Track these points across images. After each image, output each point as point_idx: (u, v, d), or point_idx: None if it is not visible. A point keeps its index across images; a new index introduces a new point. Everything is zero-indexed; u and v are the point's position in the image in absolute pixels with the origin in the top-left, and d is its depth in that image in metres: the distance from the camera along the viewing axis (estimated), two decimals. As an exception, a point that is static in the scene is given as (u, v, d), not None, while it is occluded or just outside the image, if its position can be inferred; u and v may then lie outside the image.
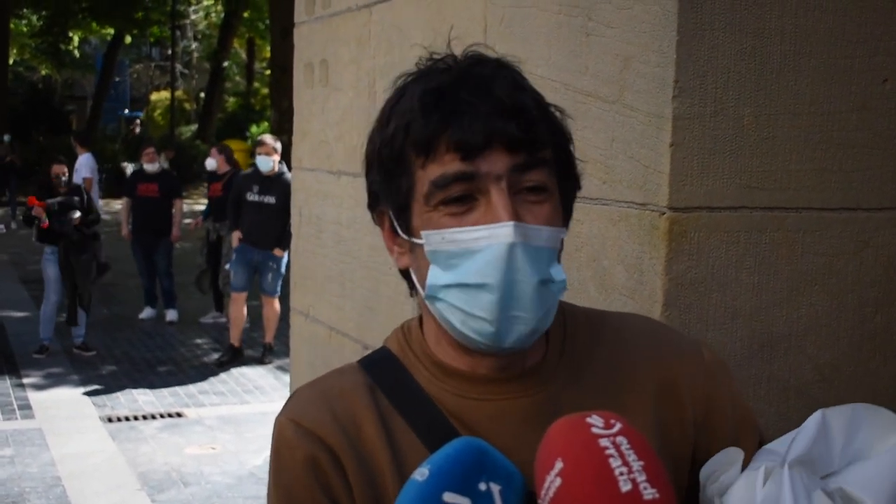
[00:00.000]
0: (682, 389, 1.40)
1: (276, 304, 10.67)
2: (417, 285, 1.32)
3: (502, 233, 1.20)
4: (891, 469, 1.21)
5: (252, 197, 10.43)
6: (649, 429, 1.34)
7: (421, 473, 1.10)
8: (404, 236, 1.30)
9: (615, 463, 1.05)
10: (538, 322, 1.24)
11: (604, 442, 1.07)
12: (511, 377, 1.32)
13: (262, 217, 10.33)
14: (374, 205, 1.36)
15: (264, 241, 10.36)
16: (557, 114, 1.34)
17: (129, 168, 15.49)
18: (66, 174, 10.82)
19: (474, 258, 1.21)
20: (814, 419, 1.30)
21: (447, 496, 1.08)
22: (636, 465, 1.05)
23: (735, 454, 1.32)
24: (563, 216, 1.32)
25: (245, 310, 10.66)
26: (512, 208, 1.21)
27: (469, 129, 1.21)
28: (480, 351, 1.28)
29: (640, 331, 1.46)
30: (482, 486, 1.09)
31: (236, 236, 10.52)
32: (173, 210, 12.35)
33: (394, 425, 1.31)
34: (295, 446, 1.30)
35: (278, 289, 10.55)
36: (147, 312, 12.86)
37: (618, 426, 1.10)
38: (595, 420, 1.11)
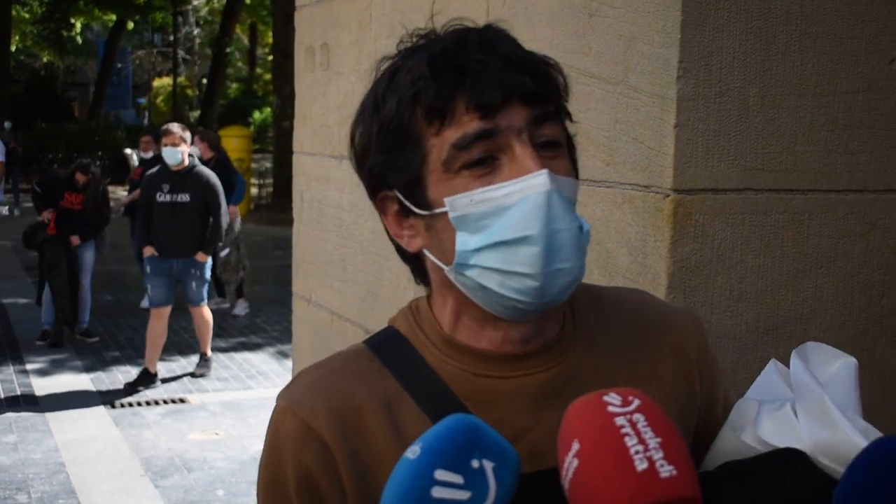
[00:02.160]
0: (690, 356, 1.42)
1: (206, 312, 9.41)
2: (437, 262, 1.28)
3: (537, 182, 1.17)
4: (844, 389, 1.31)
5: (162, 197, 8.91)
6: (666, 398, 1.34)
7: (413, 451, 1.08)
8: (420, 211, 1.26)
9: (631, 442, 1.03)
10: (579, 271, 1.22)
11: (620, 420, 1.06)
12: (531, 352, 1.30)
13: (177, 220, 8.89)
14: (376, 189, 1.32)
15: (183, 249, 8.96)
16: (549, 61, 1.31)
17: (135, 155, 15.26)
18: (87, 181, 10.54)
19: (508, 214, 1.18)
20: (795, 362, 1.35)
21: (439, 473, 1.06)
22: (653, 442, 1.03)
23: (749, 404, 1.34)
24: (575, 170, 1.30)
25: (166, 326, 9.15)
26: (539, 158, 1.19)
27: (487, 85, 1.18)
28: (518, 313, 1.24)
29: (639, 302, 1.46)
30: (475, 464, 1.08)
31: (148, 251, 9.01)
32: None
33: (402, 408, 1.28)
34: (288, 438, 1.28)
35: (205, 295, 9.32)
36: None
37: (635, 403, 1.08)
38: (612, 398, 1.09)
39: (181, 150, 8.87)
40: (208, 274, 9.23)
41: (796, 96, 1.92)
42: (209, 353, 9.63)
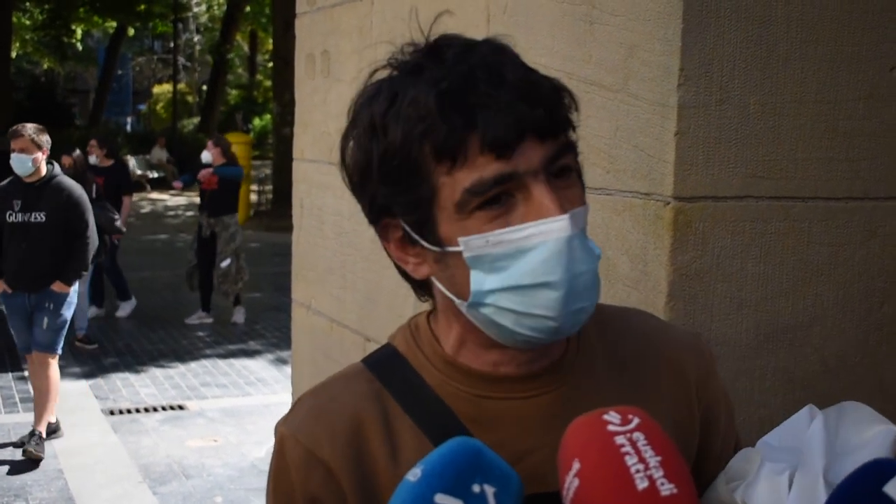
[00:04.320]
0: (690, 382, 1.40)
1: (53, 368, 7.32)
2: (448, 294, 1.24)
3: (557, 227, 1.13)
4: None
5: (14, 217, 7.07)
6: (665, 423, 1.32)
7: (413, 474, 1.07)
8: (431, 246, 1.21)
9: (631, 460, 1.02)
10: (594, 306, 1.20)
11: (620, 439, 1.05)
12: (534, 373, 1.28)
13: (31, 244, 7.06)
14: (379, 217, 1.27)
15: (36, 280, 7.09)
16: (557, 85, 1.25)
17: (132, 161, 14.98)
18: (72, 165, 10.29)
19: (527, 257, 1.14)
20: (817, 422, 1.30)
21: (439, 497, 1.04)
22: (653, 460, 1.02)
23: (753, 454, 1.31)
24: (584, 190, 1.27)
25: (57, 373, 7.47)
26: (559, 201, 1.15)
27: (500, 124, 1.13)
28: (529, 345, 1.22)
29: (643, 324, 1.44)
30: (476, 488, 1.06)
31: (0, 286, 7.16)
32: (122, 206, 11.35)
33: (402, 430, 1.26)
34: (292, 466, 1.26)
35: (58, 342, 7.30)
36: (124, 309, 12.45)
37: (635, 421, 1.08)
38: (612, 417, 1.08)
39: (32, 158, 6.98)
40: (68, 314, 7.30)
41: (797, 104, 1.92)
42: (43, 428, 7.35)
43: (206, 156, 11.92)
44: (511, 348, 1.25)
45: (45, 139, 7.07)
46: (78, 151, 10.31)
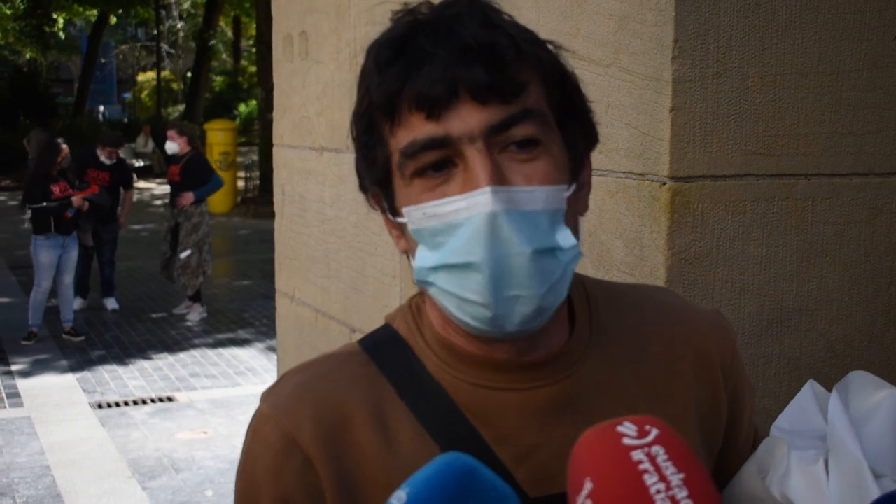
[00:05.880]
0: (715, 362, 1.29)
1: None
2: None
3: (480, 201, 1.03)
4: (883, 425, 1.20)
5: None
6: (689, 411, 1.24)
7: (398, 497, 0.95)
8: (391, 217, 1.15)
9: (650, 479, 0.90)
10: (541, 299, 1.07)
11: (637, 455, 0.93)
12: (535, 362, 1.17)
13: None
14: (362, 186, 1.21)
15: None
16: (550, 48, 1.16)
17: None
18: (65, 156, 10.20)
19: (457, 234, 1.06)
20: (834, 402, 1.23)
21: None
22: (675, 479, 0.90)
23: (777, 443, 1.22)
24: (571, 167, 1.14)
25: None
26: (493, 171, 1.04)
27: (427, 78, 1.05)
28: (489, 336, 1.12)
29: (662, 304, 1.33)
30: None
31: None
32: (122, 200, 11.50)
33: (398, 421, 1.16)
34: (267, 448, 1.16)
35: None
36: (112, 302, 12.23)
37: (654, 433, 0.95)
38: (627, 428, 0.96)
39: None
40: None
41: (798, 76, 1.83)
42: None
43: (171, 146, 11.43)
44: (485, 339, 1.15)
45: None
46: (65, 145, 10.22)
